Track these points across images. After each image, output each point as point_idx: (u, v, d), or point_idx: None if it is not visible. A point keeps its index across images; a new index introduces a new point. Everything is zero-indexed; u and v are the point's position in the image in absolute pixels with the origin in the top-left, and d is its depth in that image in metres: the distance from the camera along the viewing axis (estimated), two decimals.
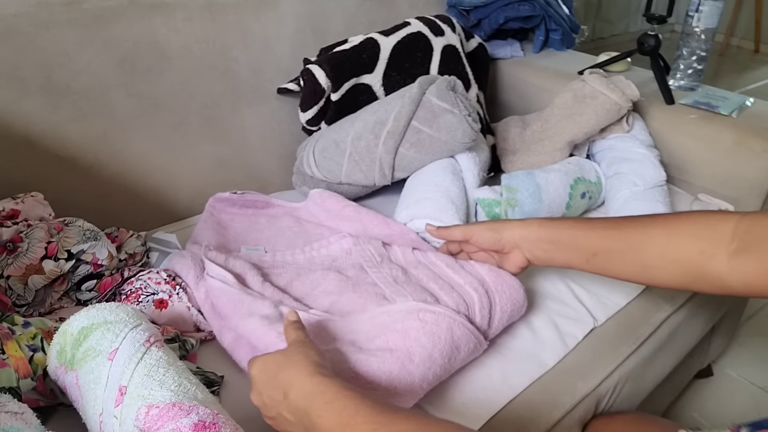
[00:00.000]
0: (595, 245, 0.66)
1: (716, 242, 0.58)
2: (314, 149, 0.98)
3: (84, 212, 0.80)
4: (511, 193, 0.91)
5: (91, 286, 0.75)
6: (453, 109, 0.88)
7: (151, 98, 0.95)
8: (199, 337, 0.71)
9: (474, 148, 0.96)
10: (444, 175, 0.91)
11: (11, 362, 0.55)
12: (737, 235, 0.57)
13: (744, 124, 1.02)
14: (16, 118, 0.84)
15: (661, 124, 1.08)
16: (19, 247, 0.70)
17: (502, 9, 1.27)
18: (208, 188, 1.01)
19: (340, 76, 0.99)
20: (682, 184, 1.07)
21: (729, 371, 1.32)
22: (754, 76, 3.27)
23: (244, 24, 1.03)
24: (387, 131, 0.91)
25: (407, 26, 1.06)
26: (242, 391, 0.65)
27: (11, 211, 0.75)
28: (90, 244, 0.73)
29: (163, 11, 0.95)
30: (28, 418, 0.49)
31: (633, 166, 0.97)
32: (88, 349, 0.53)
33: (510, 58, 1.32)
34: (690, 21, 1.10)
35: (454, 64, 1.10)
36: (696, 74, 1.15)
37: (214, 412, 0.49)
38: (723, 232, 0.58)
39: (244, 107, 1.05)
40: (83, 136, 0.89)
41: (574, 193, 0.94)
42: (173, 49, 0.96)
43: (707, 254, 0.58)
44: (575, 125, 1.01)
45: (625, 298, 0.82)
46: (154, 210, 0.97)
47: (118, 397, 0.50)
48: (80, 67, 0.88)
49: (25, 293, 0.71)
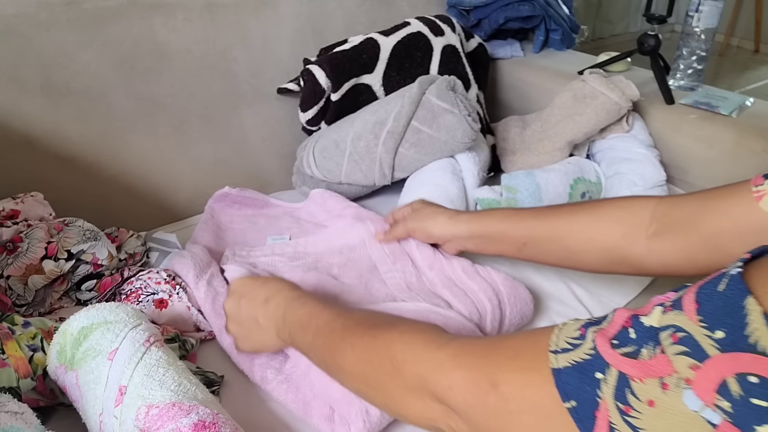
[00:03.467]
0: (524, 235, 0.69)
1: (636, 226, 0.61)
2: (314, 149, 0.98)
3: (84, 212, 0.80)
4: (510, 193, 0.91)
5: (91, 286, 0.75)
6: (453, 109, 0.88)
7: (151, 98, 0.95)
8: (199, 337, 0.71)
9: (474, 148, 0.96)
10: (444, 175, 0.91)
11: (11, 362, 0.55)
12: (655, 218, 0.59)
13: (744, 124, 1.02)
14: (16, 118, 0.84)
15: (661, 124, 1.08)
16: (19, 247, 0.70)
17: (502, 9, 1.27)
18: (207, 188, 1.01)
19: (340, 76, 0.99)
20: (682, 184, 1.07)
21: None
22: (754, 76, 3.27)
23: (244, 24, 1.03)
24: (387, 131, 0.91)
25: (407, 26, 1.06)
26: (242, 391, 0.65)
27: (11, 211, 0.75)
28: (90, 244, 0.74)
29: (162, 11, 0.95)
30: (28, 417, 0.49)
31: (633, 166, 0.97)
32: (88, 348, 0.53)
33: (510, 57, 1.32)
34: (690, 21, 1.10)
35: (454, 64, 1.10)
36: (696, 74, 1.14)
37: (214, 412, 0.49)
38: (642, 216, 0.60)
39: (244, 107, 1.05)
40: (83, 136, 0.89)
41: (574, 193, 0.94)
42: (173, 49, 0.96)
43: (628, 238, 0.61)
44: (575, 125, 1.01)
45: (625, 297, 0.82)
46: (153, 210, 0.97)
47: (118, 397, 0.50)
48: (80, 67, 0.88)
49: (25, 293, 0.71)
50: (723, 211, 0.53)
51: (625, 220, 0.62)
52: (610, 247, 0.63)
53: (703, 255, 0.55)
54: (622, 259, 0.62)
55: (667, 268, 0.59)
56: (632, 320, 0.33)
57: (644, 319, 0.32)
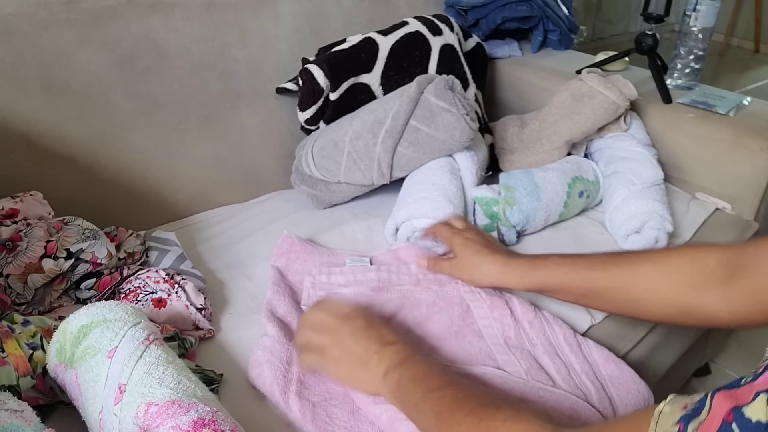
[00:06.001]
0: (582, 287, 0.67)
1: (702, 274, 0.58)
2: (313, 148, 0.98)
3: (83, 211, 0.80)
4: (509, 192, 0.91)
5: (91, 284, 0.76)
6: (451, 109, 0.88)
7: (150, 97, 0.95)
8: (198, 335, 0.71)
9: (472, 147, 0.96)
10: (442, 174, 0.91)
11: (11, 360, 0.56)
12: (722, 265, 0.57)
13: (741, 123, 1.02)
14: (15, 117, 0.84)
15: (659, 123, 1.08)
16: (18, 246, 0.70)
17: (499, 9, 1.27)
18: (207, 187, 1.01)
19: (339, 76, 0.99)
20: (680, 183, 1.08)
21: (728, 370, 1.32)
22: (754, 76, 3.27)
23: (243, 23, 1.03)
24: (385, 130, 0.91)
25: (405, 26, 1.07)
26: (242, 389, 0.65)
27: (10, 210, 0.76)
28: (89, 243, 0.74)
29: (161, 11, 0.95)
30: (27, 415, 0.49)
31: (631, 165, 0.97)
32: (88, 347, 0.54)
33: (508, 57, 1.32)
34: (687, 20, 1.11)
35: (453, 63, 1.10)
36: (693, 73, 1.15)
37: (213, 409, 0.49)
38: (708, 263, 0.58)
39: (243, 107, 1.05)
40: (82, 135, 0.89)
41: (571, 192, 0.95)
42: (172, 48, 0.96)
43: (695, 287, 0.59)
44: (573, 124, 1.01)
45: None
46: (153, 209, 0.97)
47: (117, 395, 0.50)
48: (79, 66, 0.88)
49: (25, 292, 0.71)
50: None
51: (691, 267, 0.59)
52: (677, 297, 0.60)
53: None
54: (690, 310, 0.60)
55: (739, 319, 0.56)
56: (734, 413, 0.30)
57: (748, 411, 0.29)
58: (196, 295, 0.74)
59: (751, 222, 1.01)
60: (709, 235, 0.97)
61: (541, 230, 0.95)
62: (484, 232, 0.81)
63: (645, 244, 0.89)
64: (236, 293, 0.81)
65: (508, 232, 0.90)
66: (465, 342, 0.69)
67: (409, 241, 0.88)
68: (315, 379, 0.65)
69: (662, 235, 0.89)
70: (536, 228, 0.93)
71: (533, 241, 0.93)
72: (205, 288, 0.79)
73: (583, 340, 0.72)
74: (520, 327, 0.72)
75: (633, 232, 0.90)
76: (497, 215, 0.90)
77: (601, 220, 0.97)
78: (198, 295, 0.74)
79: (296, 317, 0.73)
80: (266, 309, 0.73)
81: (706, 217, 1.00)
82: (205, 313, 0.73)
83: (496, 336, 0.70)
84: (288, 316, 0.73)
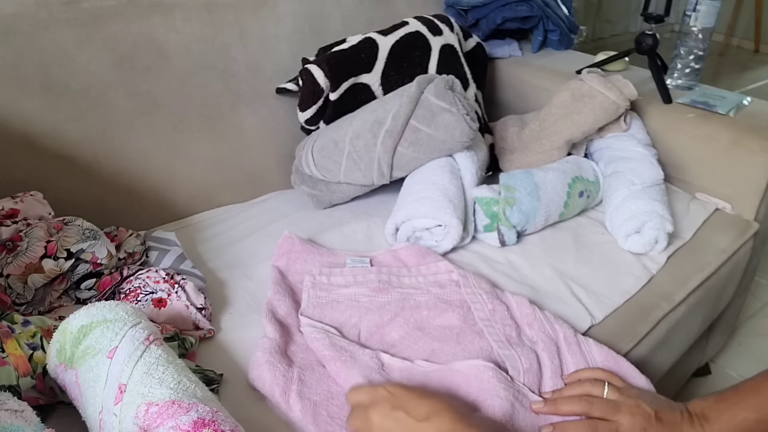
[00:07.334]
0: None
1: None
2: (313, 148, 0.98)
3: (83, 211, 0.80)
4: (509, 192, 0.91)
5: (91, 284, 0.76)
6: (451, 108, 0.88)
7: (150, 97, 0.95)
8: (198, 335, 0.71)
9: (472, 147, 0.96)
10: (442, 174, 0.91)
11: (11, 360, 0.56)
12: None
13: (741, 123, 1.02)
14: (16, 117, 0.84)
15: (659, 123, 1.08)
16: (18, 246, 0.70)
17: (499, 9, 1.27)
18: (207, 187, 1.01)
19: (339, 76, 0.99)
20: (680, 183, 1.08)
21: (728, 370, 1.32)
22: (754, 76, 3.27)
23: (243, 23, 1.04)
24: (385, 130, 0.91)
25: (405, 26, 1.07)
26: (242, 390, 0.65)
27: (10, 210, 0.76)
28: (89, 243, 0.74)
29: (161, 11, 0.95)
30: (27, 416, 0.49)
31: (631, 165, 0.97)
32: (88, 347, 0.54)
33: (508, 57, 1.32)
34: (687, 20, 1.10)
35: (453, 63, 1.10)
36: (693, 73, 1.15)
37: (213, 409, 0.49)
38: None
39: (243, 107, 1.05)
40: (82, 135, 0.89)
41: (572, 192, 0.95)
42: (172, 48, 0.96)
43: None
44: (573, 124, 1.01)
45: (623, 296, 0.83)
46: (153, 209, 0.97)
47: (117, 395, 0.50)
48: (79, 66, 0.88)
49: (25, 292, 0.71)
50: None
51: None
52: None
53: None
54: None
55: None
56: None
57: None
58: (196, 295, 0.74)
59: (751, 222, 1.01)
60: (709, 235, 0.97)
61: (541, 230, 0.95)
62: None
63: (645, 244, 0.89)
64: (236, 293, 0.81)
65: (508, 232, 0.90)
66: (466, 342, 0.69)
67: (409, 241, 0.88)
68: (315, 378, 0.65)
69: (662, 236, 0.89)
70: (536, 228, 0.93)
71: (533, 241, 0.93)
72: (205, 288, 0.79)
73: (584, 339, 0.72)
74: (521, 330, 0.72)
75: (633, 232, 0.90)
76: (497, 215, 0.90)
77: (601, 220, 0.97)
78: (198, 295, 0.74)
79: (296, 318, 0.73)
80: (267, 309, 0.73)
81: (706, 217, 1.00)
82: (205, 313, 0.73)
83: (497, 334, 0.70)
84: (288, 317, 0.73)
